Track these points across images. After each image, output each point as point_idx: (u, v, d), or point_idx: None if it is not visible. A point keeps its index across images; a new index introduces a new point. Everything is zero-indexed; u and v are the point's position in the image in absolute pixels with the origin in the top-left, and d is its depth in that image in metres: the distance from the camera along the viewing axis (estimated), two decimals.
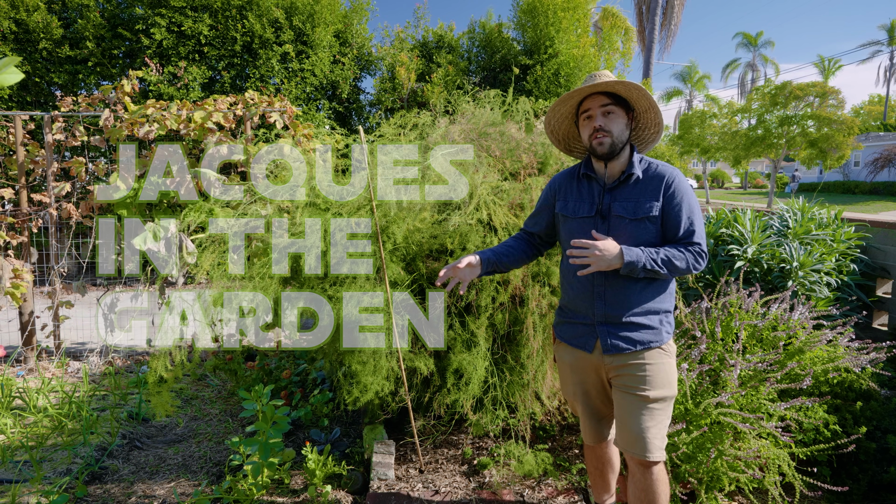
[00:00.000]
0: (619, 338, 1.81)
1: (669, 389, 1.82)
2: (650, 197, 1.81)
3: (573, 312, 1.93)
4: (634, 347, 1.80)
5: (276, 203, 2.90)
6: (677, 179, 1.82)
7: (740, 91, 45.15)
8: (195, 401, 3.61)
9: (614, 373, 1.85)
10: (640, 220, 1.80)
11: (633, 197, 1.82)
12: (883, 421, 2.60)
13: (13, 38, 7.21)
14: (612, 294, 1.81)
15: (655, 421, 1.78)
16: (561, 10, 8.95)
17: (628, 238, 1.81)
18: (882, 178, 28.46)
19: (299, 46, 8.02)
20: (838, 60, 42.41)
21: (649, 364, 1.80)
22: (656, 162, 1.88)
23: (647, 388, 1.78)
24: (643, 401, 1.78)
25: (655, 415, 1.79)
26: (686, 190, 1.82)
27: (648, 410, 1.78)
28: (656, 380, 1.79)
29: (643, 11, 25.35)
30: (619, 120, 1.83)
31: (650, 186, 1.82)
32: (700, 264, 1.78)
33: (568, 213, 1.92)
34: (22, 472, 2.66)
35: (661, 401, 1.80)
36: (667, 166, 1.86)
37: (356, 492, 2.50)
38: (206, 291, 3.16)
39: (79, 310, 5.04)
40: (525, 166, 2.78)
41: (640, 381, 1.79)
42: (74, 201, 4.21)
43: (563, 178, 2.01)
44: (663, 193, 1.81)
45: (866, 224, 4.13)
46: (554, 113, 1.98)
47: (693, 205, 1.82)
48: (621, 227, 1.82)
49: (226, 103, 4.17)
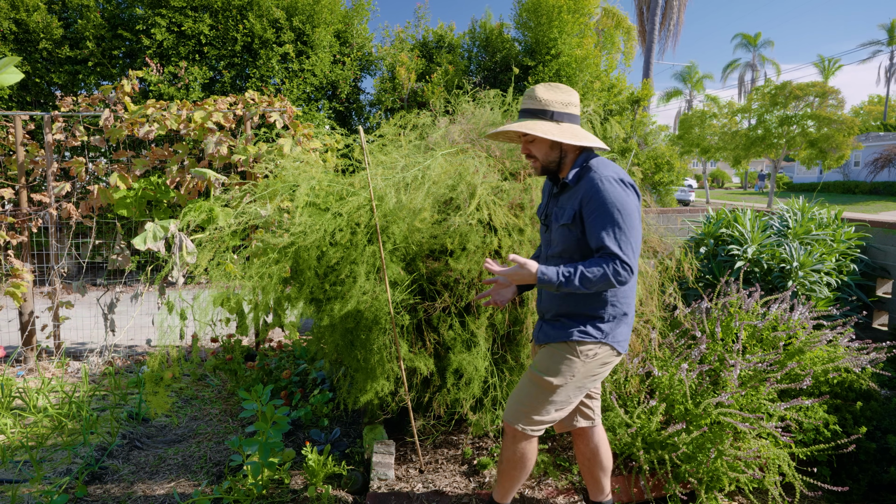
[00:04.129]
0: (541, 331, 2.02)
1: (553, 377, 1.91)
2: (572, 204, 1.87)
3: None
4: (547, 340, 1.97)
5: (276, 203, 2.90)
6: (596, 188, 1.79)
7: (740, 91, 45.14)
8: (195, 401, 3.61)
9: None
10: (564, 227, 1.90)
11: (563, 203, 1.93)
12: (883, 421, 2.60)
13: (13, 38, 7.21)
14: (546, 295, 2.02)
15: (524, 393, 1.96)
16: (566, 11, 8.95)
17: (560, 243, 1.93)
18: (882, 178, 28.46)
19: (299, 46, 8.02)
20: (838, 60, 42.43)
21: (549, 350, 1.95)
22: (595, 168, 1.85)
23: (536, 364, 1.96)
24: (526, 375, 1.99)
25: (529, 390, 1.95)
26: (604, 199, 1.77)
27: (524, 383, 1.98)
28: (545, 362, 1.94)
29: (643, 11, 25.35)
30: (540, 147, 1.92)
31: (576, 194, 1.88)
32: (621, 276, 1.73)
33: (538, 215, 2.14)
34: (22, 472, 2.66)
35: (539, 384, 1.92)
36: (596, 174, 1.82)
37: (356, 492, 2.50)
38: (205, 291, 3.16)
39: (79, 310, 5.04)
40: (525, 166, 2.78)
41: (535, 360, 1.99)
42: (74, 201, 4.22)
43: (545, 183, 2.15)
44: (581, 202, 1.83)
45: (866, 224, 4.13)
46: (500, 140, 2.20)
47: (611, 214, 1.76)
48: (556, 231, 1.95)
49: (226, 103, 4.17)
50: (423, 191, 2.47)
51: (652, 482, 2.38)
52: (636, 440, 2.39)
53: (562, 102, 1.90)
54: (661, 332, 2.89)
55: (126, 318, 4.95)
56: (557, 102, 1.89)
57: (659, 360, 2.75)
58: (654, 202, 10.96)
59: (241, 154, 3.92)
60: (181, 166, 4.09)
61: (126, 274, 4.75)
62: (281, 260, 2.56)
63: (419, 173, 2.58)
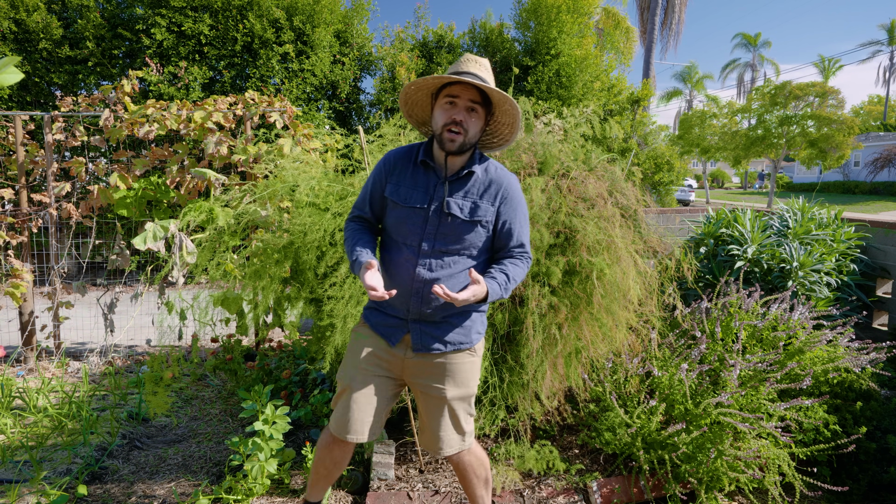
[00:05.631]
0: (432, 338, 1.76)
1: (471, 388, 1.84)
2: (487, 201, 1.75)
3: (387, 304, 1.79)
4: (445, 348, 1.77)
5: (276, 203, 2.90)
6: (514, 186, 1.79)
7: (739, 91, 45.14)
8: (195, 401, 3.61)
9: (417, 371, 1.80)
10: (473, 223, 1.73)
11: (471, 196, 1.75)
12: (883, 421, 2.60)
13: (13, 38, 7.21)
14: (433, 298, 1.71)
15: (454, 419, 1.82)
16: (565, 12, 8.95)
17: (456, 238, 1.73)
18: (882, 178, 28.46)
19: (299, 46, 8.02)
20: (838, 60, 42.44)
21: (455, 364, 1.79)
22: (494, 163, 1.82)
23: (450, 388, 1.79)
24: (443, 402, 1.79)
25: (456, 413, 1.81)
26: (520, 198, 1.79)
27: (449, 410, 1.81)
28: (459, 379, 1.80)
29: (644, 11, 25.36)
30: (477, 122, 1.74)
31: (488, 190, 1.76)
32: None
33: (399, 200, 1.76)
34: (22, 472, 2.66)
35: (461, 399, 1.82)
36: (504, 171, 1.80)
37: (356, 492, 2.50)
38: (205, 291, 3.16)
39: (79, 310, 5.04)
40: (525, 166, 2.78)
41: (443, 381, 1.78)
42: (74, 201, 4.21)
43: (398, 159, 1.82)
44: (500, 200, 1.76)
45: (866, 224, 4.13)
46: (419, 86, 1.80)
47: (524, 212, 1.80)
48: (453, 225, 1.72)
49: (226, 103, 4.17)
50: None
51: (652, 482, 2.38)
52: (636, 440, 2.39)
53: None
54: (660, 333, 2.89)
55: (126, 318, 4.95)
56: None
57: (659, 360, 2.75)
58: (654, 202, 10.96)
59: (240, 154, 3.92)
60: (181, 166, 4.09)
61: (126, 274, 4.75)
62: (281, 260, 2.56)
63: None
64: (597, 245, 2.50)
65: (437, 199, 1.74)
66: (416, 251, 1.73)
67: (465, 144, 1.72)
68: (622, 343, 2.68)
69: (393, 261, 1.78)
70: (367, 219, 1.87)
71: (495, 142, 1.92)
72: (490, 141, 1.92)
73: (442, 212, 1.72)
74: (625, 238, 2.61)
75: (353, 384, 1.80)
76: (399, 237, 1.77)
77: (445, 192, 1.73)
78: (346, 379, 1.83)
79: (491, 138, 1.92)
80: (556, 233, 2.55)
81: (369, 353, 1.81)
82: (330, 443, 1.86)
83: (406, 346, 1.79)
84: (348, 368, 1.84)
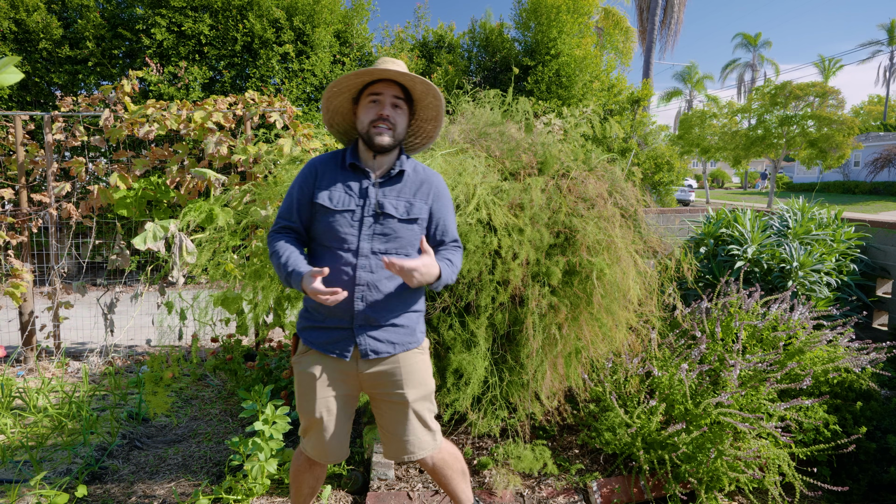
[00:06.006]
0: (379, 341, 1.74)
1: (429, 386, 1.85)
2: (421, 200, 1.78)
3: (326, 316, 1.75)
4: (395, 350, 1.76)
5: (276, 203, 2.90)
6: (443, 184, 1.86)
7: (739, 91, 45.15)
8: (195, 401, 3.61)
9: (373, 381, 1.78)
10: (409, 221, 1.76)
11: (404, 196, 1.76)
12: (883, 421, 2.60)
13: (13, 38, 7.21)
14: (374, 296, 1.71)
15: (421, 420, 1.82)
16: (565, 12, 8.95)
17: (394, 238, 1.74)
18: (882, 178, 28.46)
19: (299, 46, 8.02)
20: (838, 60, 42.42)
21: (409, 365, 1.79)
22: (420, 163, 1.88)
23: (410, 390, 1.78)
24: (406, 406, 1.79)
25: (421, 413, 1.82)
26: (449, 195, 1.87)
27: (414, 413, 1.81)
28: (417, 379, 1.80)
29: (643, 11, 25.36)
30: (404, 117, 1.77)
31: (421, 189, 1.79)
32: None
33: (332, 205, 1.73)
34: (22, 472, 2.66)
35: (424, 399, 1.83)
36: (430, 170, 1.85)
37: (356, 492, 2.50)
38: (205, 291, 3.16)
39: (79, 310, 5.04)
40: (525, 166, 2.78)
41: (402, 385, 1.77)
42: (74, 201, 4.21)
43: (324, 165, 1.80)
44: (433, 199, 1.81)
45: (866, 224, 4.13)
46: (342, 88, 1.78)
47: (453, 208, 1.89)
48: (388, 225, 1.73)
49: (226, 103, 4.17)
50: None
51: (652, 482, 2.38)
52: (636, 440, 2.39)
53: None
54: (660, 333, 2.89)
55: (126, 318, 4.95)
56: None
57: (659, 360, 2.75)
58: (654, 202, 10.96)
59: (240, 154, 3.92)
60: (181, 166, 4.09)
61: (126, 274, 4.75)
62: None
63: None
64: (597, 245, 2.51)
65: (370, 201, 1.73)
66: (354, 254, 1.71)
67: (395, 140, 1.75)
68: (622, 343, 2.68)
69: (330, 268, 1.72)
70: (295, 229, 1.81)
71: (418, 142, 1.97)
72: (413, 142, 1.96)
73: (377, 213, 1.73)
74: (625, 238, 2.61)
75: (319, 416, 1.78)
76: (334, 243, 1.73)
77: (379, 193, 1.74)
78: (310, 413, 1.79)
79: (413, 139, 1.96)
80: (556, 233, 2.55)
81: (324, 378, 1.77)
82: (311, 465, 1.90)
83: (357, 358, 1.76)
84: (308, 402, 1.78)
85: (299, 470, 1.92)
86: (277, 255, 1.73)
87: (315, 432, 1.80)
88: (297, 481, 1.95)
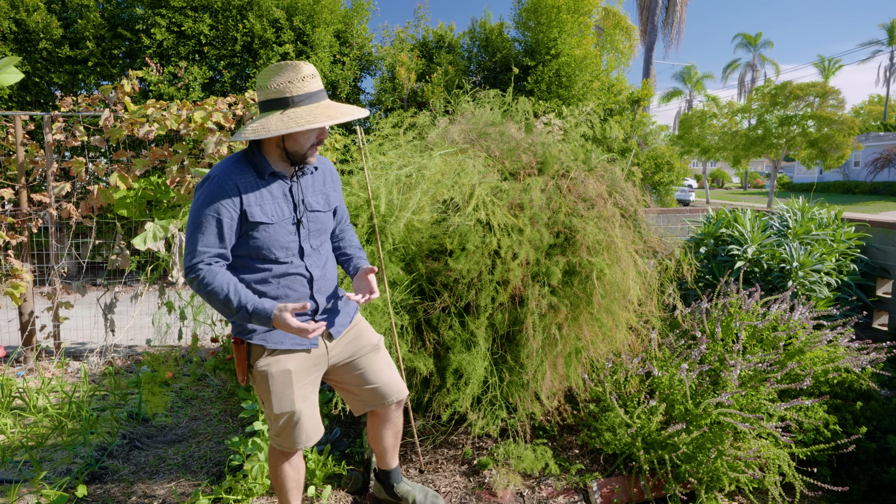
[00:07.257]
0: (340, 318, 1.93)
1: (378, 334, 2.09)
2: (329, 188, 1.90)
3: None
4: (350, 321, 1.98)
5: None
6: (333, 166, 1.98)
7: (740, 91, 45.15)
8: (195, 401, 3.61)
9: (341, 351, 1.95)
10: (329, 211, 1.89)
11: (318, 188, 1.86)
12: (883, 421, 2.60)
13: (13, 38, 7.21)
14: (325, 284, 1.88)
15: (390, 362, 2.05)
16: (565, 11, 8.94)
17: (323, 230, 1.87)
18: (882, 178, 28.47)
19: (299, 46, 8.02)
20: (838, 60, 42.42)
21: (362, 324, 2.04)
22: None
23: (372, 336, 2.02)
24: (377, 349, 2.01)
25: (388, 356, 2.07)
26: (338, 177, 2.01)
27: (383, 354, 2.04)
28: (372, 331, 2.06)
29: (644, 11, 25.36)
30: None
31: (325, 178, 1.90)
32: None
33: (270, 219, 1.70)
34: (22, 472, 2.66)
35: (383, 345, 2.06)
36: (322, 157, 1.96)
37: (356, 492, 2.50)
38: None
39: (79, 310, 5.04)
40: (524, 166, 2.78)
41: (364, 337, 2.00)
42: (74, 201, 4.21)
43: (239, 177, 1.68)
44: (334, 185, 1.94)
45: (866, 224, 4.13)
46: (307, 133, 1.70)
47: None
48: (317, 221, 1.84)
49: (226, 103, 4.18)
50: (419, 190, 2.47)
51: (652, 482, 2.38)
52: (636, 440, 2.39)
53: None
54: (660, 333, 2.89)
55: (126, 318, 4.95)
56: None
57: (659, 360, 2.75)
58: (654, 202, 10.96)
59: None
60: (181, 166, 4.09)
61: (126, 274, 4.75)
62: None
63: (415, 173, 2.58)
64: (597, 245, 2.51)
65: (298, 202, 1.79)
66: (300, 256, 1.80)
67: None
68: (622, 343, 2.68)
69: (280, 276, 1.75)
70: (226, 256, 1.70)
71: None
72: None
73: (307, 211, 1.81)
74: (625, 238, 2.61)
75: (298, 409, 1.83)
76: (277, 253, 1.73)
77: (299, 192, 1.80)
78: (289, 408, 1.81)
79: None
80: (555, 233, 2.55)
81: (299, 373, 1.82)
82: (289, 457, 1.95)
83: (326, 341, 1.91)
84: (286, 399, 1.80)
85: (280, 467, 1.96)
86: (222, 291, 1.62)
87: (291, 428, 1.86)
88: (278, 478, 1.97)
